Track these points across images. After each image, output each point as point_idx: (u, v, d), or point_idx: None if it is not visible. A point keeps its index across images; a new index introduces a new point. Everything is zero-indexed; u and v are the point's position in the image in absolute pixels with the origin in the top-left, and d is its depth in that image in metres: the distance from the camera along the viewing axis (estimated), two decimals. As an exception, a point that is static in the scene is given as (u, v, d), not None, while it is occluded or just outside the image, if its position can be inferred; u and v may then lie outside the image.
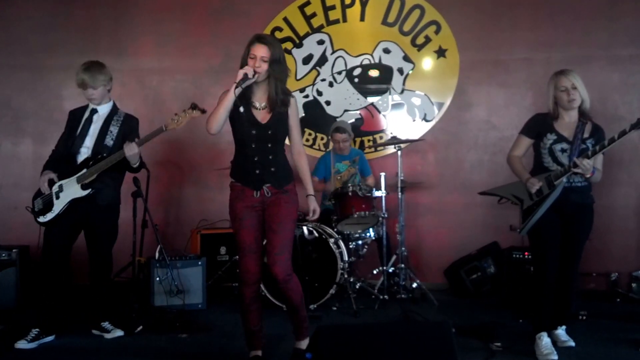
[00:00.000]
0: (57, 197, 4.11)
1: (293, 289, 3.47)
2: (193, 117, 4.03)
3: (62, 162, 4.22)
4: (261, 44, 3.37)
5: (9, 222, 5.97)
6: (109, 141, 4.21)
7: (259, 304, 3.56)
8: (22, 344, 3.96)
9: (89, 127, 4.24)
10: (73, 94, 5.77)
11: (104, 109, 4.30)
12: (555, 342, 3.86)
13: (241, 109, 3.40)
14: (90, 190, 4.09)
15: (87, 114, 4.28)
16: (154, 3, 6.35)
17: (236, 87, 3.30)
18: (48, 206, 4.12)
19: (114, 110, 4.34)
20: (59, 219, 4.10)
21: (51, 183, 4.13)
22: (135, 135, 4.29)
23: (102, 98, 4.28)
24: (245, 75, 3.30)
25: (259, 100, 3.45)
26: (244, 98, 3.40)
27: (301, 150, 3.64)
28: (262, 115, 3.44)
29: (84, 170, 4.10)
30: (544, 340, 3.76)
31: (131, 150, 4.04)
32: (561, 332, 3.95)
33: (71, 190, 4.10)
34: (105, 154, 4.14)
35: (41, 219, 4.14)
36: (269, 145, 3.43)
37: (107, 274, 4.35)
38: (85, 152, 4.18)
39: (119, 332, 4.27)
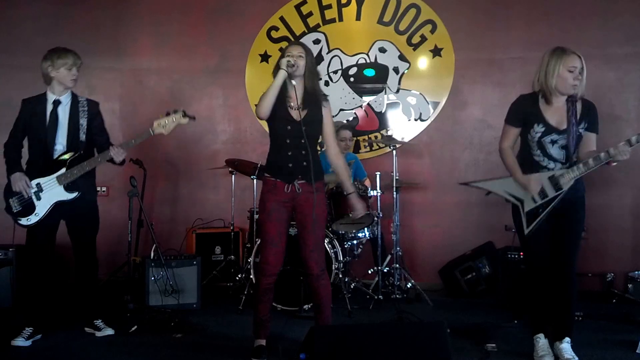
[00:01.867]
0: (38, 198, 4.01)
1: (324, 285, 3.71)
2: (181, 124, 4.05)
3: (32, 161, 4.10)
4: (295, 44, 3.72)
5: (6, 221, 5.93)
6: (82, 136, 4.13)
7: (271, 295, 3.75)
8: (20, 341, 3.96)
9: (57, 122, 4.09)
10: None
11: (65, 99, 4.15)
12: (558, 357, 3.60)
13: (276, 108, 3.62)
14: (77, 193, 4.05)
15: (50, 106, 4.10)
16: (153, 4, 6.40)
17: (287, 67, 3.54)
18: (29, 207, 3.99)
19: (75, 98, 4.20)
20: (42, 220, 4.02)
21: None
22: (100, 119, 4.28)
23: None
24: (289, 61, 3.55)
25: (295, 99, 3.64)
26: (281, 97, 3.61)
27: (338, 151, 3.86)
28: (297, 113, 3.63)
29: (63, 170, 4.02)
30: (541, 342, 3.67)
31: (120, 156, 4.04)
32: (566, 346, 3.60)
33: (54, 191, 4.02)
34: (81, 151, 4.09)
35: (24, 222, 4.01)
36: (302, 141, 3.61)
37: (97, 269, 4.34)
38: (60, 149, 4.09)
39: (109, 331, 4.26)
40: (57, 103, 4.13)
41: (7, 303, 5.01)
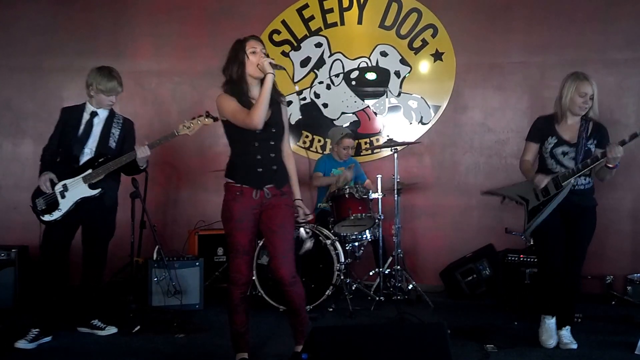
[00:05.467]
0: (63, 197, 4.10)
1: (297, 291, 3.47)
2: (205, 124, 4.09)
3: (62, 164, 4.20)
4: (256, 40, 3.49)
5: (9, 222, 6.00)
6: (112, 143, 4.26)
7: (246, 305, 3.53)
8: (22, 344, 3.96)
9: (90, 130, 4.24)
10: (72, 94, 5.81)
11: (104, 112, 4.31)
12: (558, 343, 3.98)
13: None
14: (99, 190, 4.14)
15: (86, 116, 4.25)
16: (152, 5, 6.39)
17: (274, 67, 3.35)
18: (53, 205, 4.09)
19: (112, 113, 4.36)
20: (63, 218, 4.11)
21: (52, 183, 4.11)
22: (133, 138, 4.40)
23: None
24: (272, 64, 3.35)
25: (257, 97, 3.38)
26: (245, 97, 3.41)
27: (290, 152, 3.62)
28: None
29: (90, 171, 4.12)
30: (547, 322, 3.99)
31: (143, 152, 4.13)
32: (565, 333, 4.00)
33: (78, 189, 4.12)
34: (109, 155, 4.19)
35: (47, 218, 4.09)
36: (272, 143, 3.44)
37: (103, 271, 4.41)
38: (88, 154, 4.20)
39: (113, 329, 4.31)
40: (94, 114, 4.27)
41: (9, 304, 5.05)
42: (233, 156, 3.51)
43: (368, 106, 6.25)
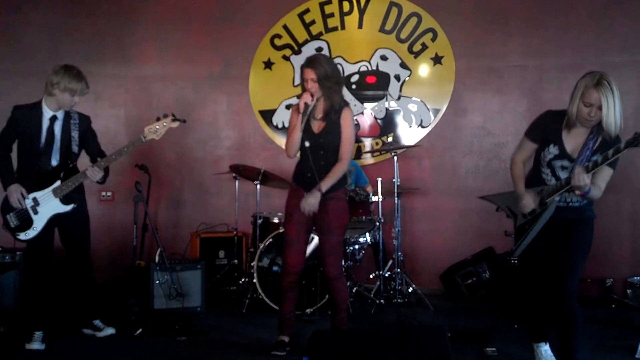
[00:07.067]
0: (35, 212, 4.00)
1: (340, 289, 3.90)
2: (172, 127, 4.14)
3: (22, 174, 4.06)
4: (307, 67, 3.83)
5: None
6: (75, 147, 4.15)
7: (294, 293, 3.98)
8: (36, 345, 4.00)
9: (53, 138, 4.09)
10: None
11: (61, 114, 4.15)
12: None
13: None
14: (73, 205, 4.08)
15: (46, 122, 4.08)
16: (157, 11, 6.45)
17: (303, 118, 3.80)
18: (27, 222, 3.99)
19: (68, 114, 4.19)
20: (40, 233, 4.03)
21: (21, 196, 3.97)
22: (93, 134, 4.31)
23: None
24: (306, 104, 3.80)
25: (319, 112, 3.90)
26: (304, 115, 3.84)
27: (343, 158, 3.86)
28: (317, 126, 3.89)
29: (58, 183, 4.02)
30: (543, 348, 3.64)
31: (96, 176, 4.02)
32: None
33: (51, 204, 4.02)
34: (74, 163, 4.13)
35: (22, 237, 3.98)
36: (321, 153, 3.85)
37: (91, 273, 4.38)
38: (54, 163, 4.09)
39: (110, 330, 4.33)
40: (53, 119, 4.11)
41: (12, 306, 5.08)
42: (298, 161, 4.01)
43: (369, 110, 6.28)
